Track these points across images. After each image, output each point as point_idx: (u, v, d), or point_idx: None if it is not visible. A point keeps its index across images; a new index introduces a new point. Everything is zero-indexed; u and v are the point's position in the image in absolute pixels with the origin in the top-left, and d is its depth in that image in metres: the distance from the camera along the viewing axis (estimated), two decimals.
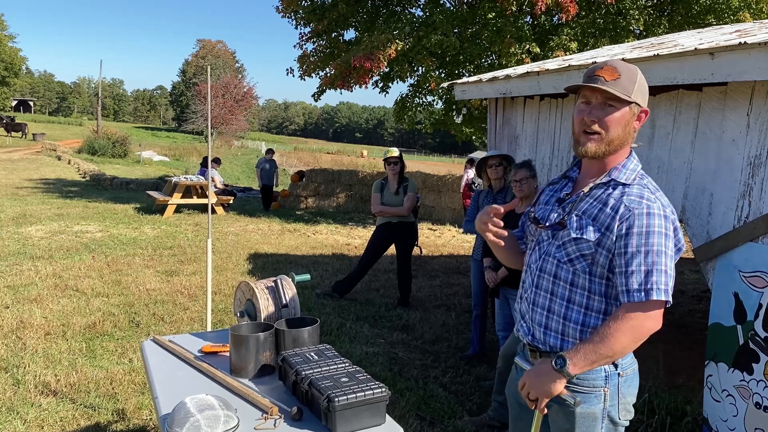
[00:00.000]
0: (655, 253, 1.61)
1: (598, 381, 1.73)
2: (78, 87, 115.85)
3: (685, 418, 3.55)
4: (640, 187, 1.69)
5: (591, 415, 1.74)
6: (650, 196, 1.66)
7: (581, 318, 1.73)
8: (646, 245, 1.61)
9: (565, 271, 1.75)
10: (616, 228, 1.64)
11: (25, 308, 5.39)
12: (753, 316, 2.85)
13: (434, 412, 3.75)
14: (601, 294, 1.71)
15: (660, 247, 1.62)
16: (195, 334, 2.66)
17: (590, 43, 11.98)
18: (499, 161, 4.50)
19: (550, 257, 1.78)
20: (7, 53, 53.32)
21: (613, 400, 1.75)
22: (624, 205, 1.65)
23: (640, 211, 1.63)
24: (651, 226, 1.62)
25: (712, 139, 3.16)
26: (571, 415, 1.75)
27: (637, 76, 1.71)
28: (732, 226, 3.00)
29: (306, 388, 1.87)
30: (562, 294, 1.76)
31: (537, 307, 1.82)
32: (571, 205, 1.77)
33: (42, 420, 3.39)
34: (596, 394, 1.73)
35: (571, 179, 1.89)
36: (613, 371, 1.74)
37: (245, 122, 63.46)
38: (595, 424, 1.75)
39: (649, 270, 1.61)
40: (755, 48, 2.64)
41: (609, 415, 1.76)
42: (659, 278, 1.61)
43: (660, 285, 1.61)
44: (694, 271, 8.51)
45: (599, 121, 1.69)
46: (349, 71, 11.88)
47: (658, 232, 1.62)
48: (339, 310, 5.88)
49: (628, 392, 1.78)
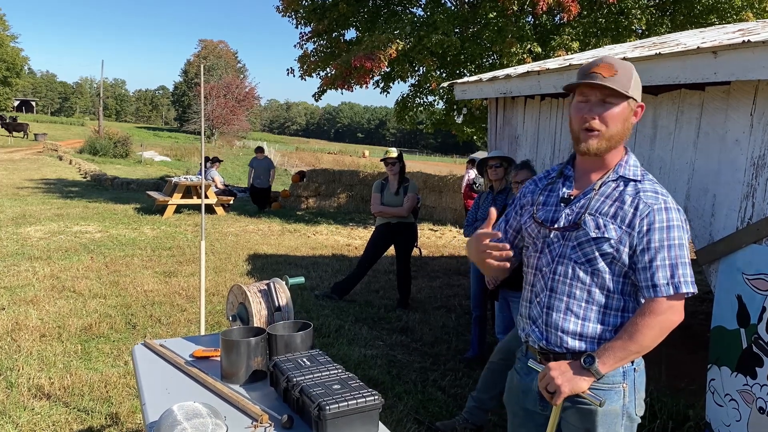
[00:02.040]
0: (677, 246, 1.65)
1: (617, 377, 1.74)
2: (80, 87, 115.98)
3: (687, 422, 3.50)
4: (651, 182, 1.72)
5: (613, 412, 1.74)
6: (663, 191, 1.70)
7: (601, 317, 1.74)
8: (668, 239, 1.64)
9: (583, 272, 1.73)
10: (637, 225, 1.66)
11: (21, 310, 5.35)
12: (756, 320, 2.80)
13: (432, 416, 3.70)
14: (620, 292, 1.73)
15: (681, 240, 1.66)
16: (187, 338, 2.61)
17: (592, 42, 11.92)
18: (499, 162, 4.45)
19: (566, 259, 1.76)
20: (8, 53, 53.32)
21: (630, 396, 1.76)
22: (642, 201, 1.67)
23: (658, 206, 1.66)
24: (671, 221, 1.66)
25: (715, 140, 3.10)
26: (591, 414, 1.74)
27: (633, 72, 1.73)
28: (735, 227, 2.95)
29: (297, 396, 1.82)
30: (580, 296, 1.74)
31: (552, 311, 1.78)
32: (580, 204, 1.76)
33: (34, 424, 3.35)
34: (616, 391, 1.74)
35: (567, 177, 1.85)
36: (630, 366, 1.75)
37: (247, 122, 63.59)
38: (616, 422, 1.75)
39: (674, 263, 1.65)
40: (759, 47, 2.59)
41: (627, 412, 1.77)
42: (684, 271, 1.65)
43: (687, 278, 1.65)
44: (697, 273, 8.44)
45: (599, 117, 1.69)
46: (350, 71, 11.83)
47: (677, 225, 1.66)
48: (338, 312, 5.83)
49: (641, 387, 1.81)
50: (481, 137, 15.44)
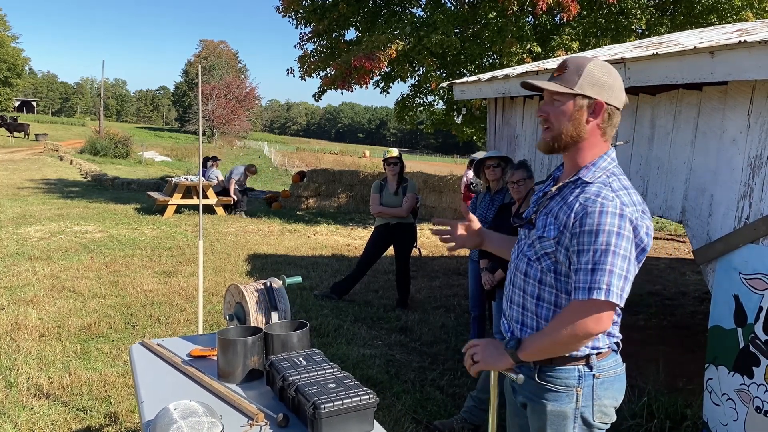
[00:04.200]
0: (603, 252, 1.57)
1: (570, 380, 1.73)
2: (81, 87, 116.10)
3: (684, 422, 3.49)
4: (600, 185, 1.66)
5: (561, 413, 1.74)
6: (608, 195, 1.62)
7: (551, 315, 1.74)
8: (595, 243, 1.58)
9: (534, 270, 1.77)
10: (570, 226, 1.64)
11: (21, 309, 5.36)
12: (753, 319, 2.81)
13: (431, 415, 3.70)
14: (567, 292, 1.71)
15: (610, 247, 1.57)
16: (185, 337, 2.62)
17: (592, 42, 11.91)
18: (497, 162, 4.45)
19: (524, 256, 1.81)
20: (9, 54, 53.41)
21: (586, 401, 1.74)
22: (579, 203, 1.64)
23: (593, 209, 1.61)
24: (602, 225, 1.58)
25: (713, 139, 3.11)
26: (543, 413, 1.77)
27: (585, 69, 1.69)
28: (732, 227, 2.95)
29: (292, 394, 1.83)
30: (532, 292, 1.78)
31: (513, 305, 1.86)
32: (540, 203, 1.80)
33: (33, 423, 3.36)
34: (568, 394, 1.73)
35: (554, 178, 1.90)
36: (588, 372, 1.73)
37: (248, 123, 63.59)
38: (566, 423, 1.75)
39: (594, 269, 1.58)
40: (755, 46, 2.59)
41: (582, 416, 1.75)
42: (602, 277, 1.57)
43: (602, 285, 1.57)
44: (695, 273, 8.44)
45: (547, 115, 1.74)
46: (350, 71, 11.82)
47: (609, 231, 1.58)
48: (337, 312, 5.83)
49: (605, 395, 1.76)
50: (481, 137, 15.42)
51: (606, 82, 1.70)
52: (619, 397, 1.80)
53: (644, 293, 7.13)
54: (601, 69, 1.71)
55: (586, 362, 1.72)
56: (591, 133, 1.72)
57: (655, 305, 6.69)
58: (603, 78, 1.70)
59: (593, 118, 1.71)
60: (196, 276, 6.90)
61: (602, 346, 1.74)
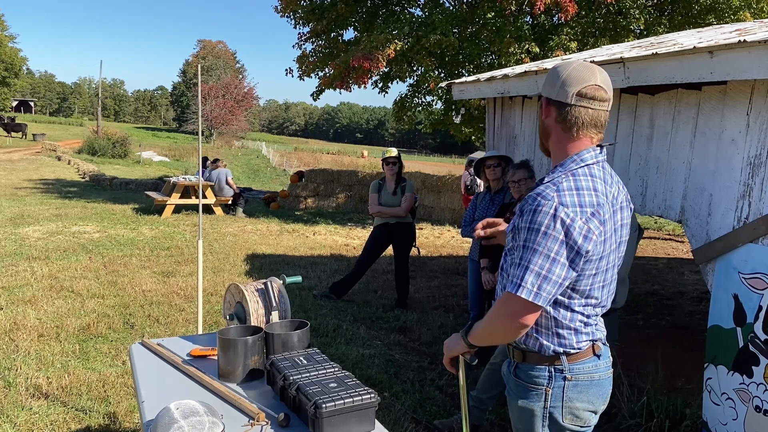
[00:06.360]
0: (531, 250, 1.59)
1: (540, 380, 1.76)
2: (79, 87, 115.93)
3: (684, 421, 3.49)
4: (549, 184, 1.65)
5: (529, 411, 1.78)
6: (549, 194, 1.60)
7: None
8: (525, 241, 1.61)
9: (506, 263, 1.79)
10: (517, 221, 1.68)
11: (19, 309, 5.35)
12: (753, 319, 2.81)
13: (430, 415, 3.70)
14: None
15: (537, 246, 1.58)
16: (185, 337, 2.62)
17: (590, 42, 11.91)
18: (497, 162, 4.46)
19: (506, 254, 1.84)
20: (7, 54, 53.30)
21: (555, 402, 1.75)
22: (524, 200, 1.68)
23: (530, 207, 1.62)
24: (533, 223, 1.59)
25: (712, 139, 3.11)
26: (514, 408, 1.83)
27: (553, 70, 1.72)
28: (732, 227, 2.96)
29: (293, 394, 1.83)
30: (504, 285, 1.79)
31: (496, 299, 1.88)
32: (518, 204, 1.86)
33: (32, 423, 3.35)
34: (537, 392, 1.76)
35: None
36: (558, 374, 1.73)
37: (246, 122, 63.53)
38: (534, 421, 1.78)
39: (519, 264, 1.61)
40: (755, 46, 2.59)
41: (551, 416, 1.76)
42: (521, 273, 1.59)
43: (518, 280, 1.59)
44: (694, 272, 8.46)
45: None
46: (348, 71, 11.82)
47: (537, 230, 1.58)
48: (336, 312, 5.83)
49: (577, 398, 1.75)
50: (479, 137, 15.43)
51: (555, 77, 1.69)
52: (597, 402, 1.78)
53: (643, 293, 7.14)
54: (561, 66, 1.69)
55: (555, 363, 1.72)
56: (553, 130, 1.74)
57: (653, 305, 6.70)
58: (555, 73, 1.70)
59: (544, 116, 1.75)
60: (194, 276, 6.89)
61: (572, 348, 1.72)
